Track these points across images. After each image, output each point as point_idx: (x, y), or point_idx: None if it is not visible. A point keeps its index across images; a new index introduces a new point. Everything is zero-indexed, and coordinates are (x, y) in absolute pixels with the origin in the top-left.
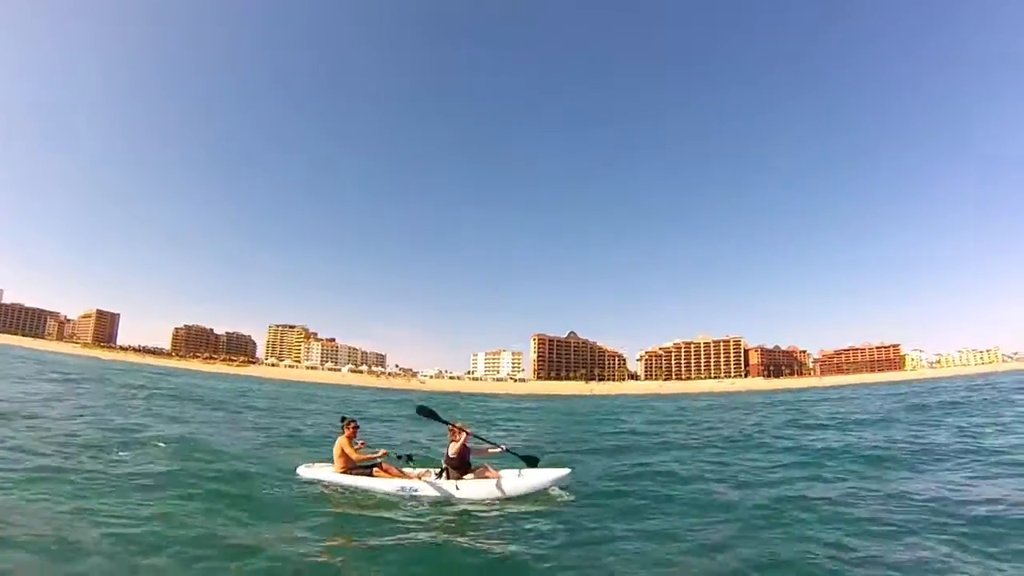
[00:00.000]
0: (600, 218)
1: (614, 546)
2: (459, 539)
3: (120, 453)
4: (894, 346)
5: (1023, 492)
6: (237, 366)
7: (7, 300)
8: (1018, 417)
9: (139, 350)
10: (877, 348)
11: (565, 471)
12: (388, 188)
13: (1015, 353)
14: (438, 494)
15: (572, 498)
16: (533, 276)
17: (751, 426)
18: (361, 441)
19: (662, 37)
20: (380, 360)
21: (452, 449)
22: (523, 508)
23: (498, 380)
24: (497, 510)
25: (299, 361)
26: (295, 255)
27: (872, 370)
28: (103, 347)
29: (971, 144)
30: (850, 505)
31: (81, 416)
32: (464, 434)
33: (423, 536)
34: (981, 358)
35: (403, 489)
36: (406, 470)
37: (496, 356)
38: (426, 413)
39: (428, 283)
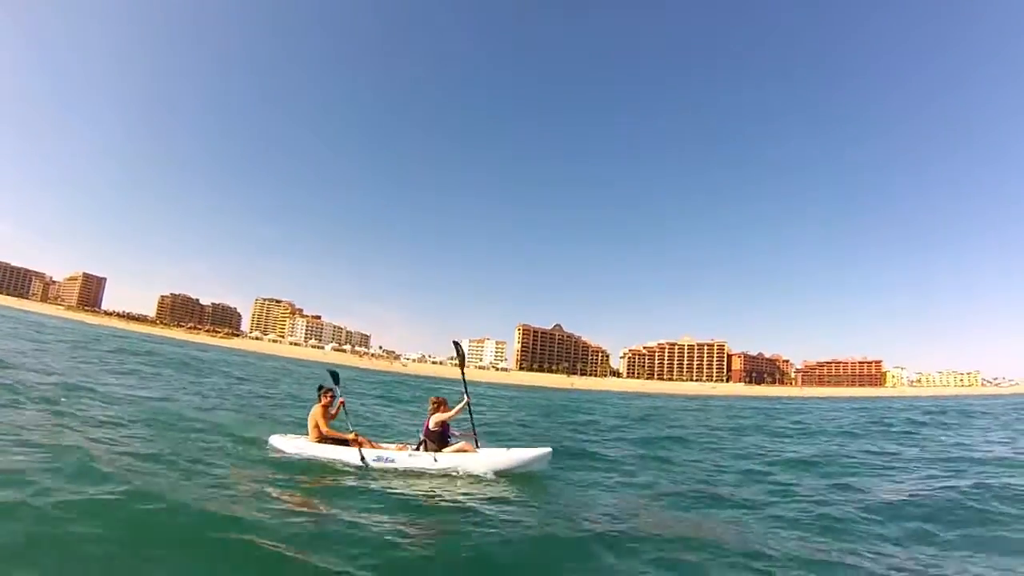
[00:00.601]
0: (598, 217)
1: (546, 524)
2: (428, 508)
3: (62, 399)
4: (876, 362)
5: (961, 509)
6: (220, 338)
7: None
8: (984, 437)
9: (123, 316)
10: (859, 363)
11: (546, 450)
12: (390, 175)
13: (995, 379)
14: (415, 465)
15: (541, 478)
16: (524, 268)
17: (713, 430)
18: (341, 399)
19: (664, 37)
20: (364, 340)
21: (433, 421)
22: (493, 484)
23: (480, 368)
24: (471, 483)
25: (283, 336)
26: (289, 230)
27: (853, 384)
28: (87, 311)
29: (975, 164)
30: (783, 507)
31: (49, 375)
32: (450, 410)
33: (393, 506)
34: (960, 380)
35: (379, 459)
36: (384, 444)
37: (480, 344)
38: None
39: (421, 268)
